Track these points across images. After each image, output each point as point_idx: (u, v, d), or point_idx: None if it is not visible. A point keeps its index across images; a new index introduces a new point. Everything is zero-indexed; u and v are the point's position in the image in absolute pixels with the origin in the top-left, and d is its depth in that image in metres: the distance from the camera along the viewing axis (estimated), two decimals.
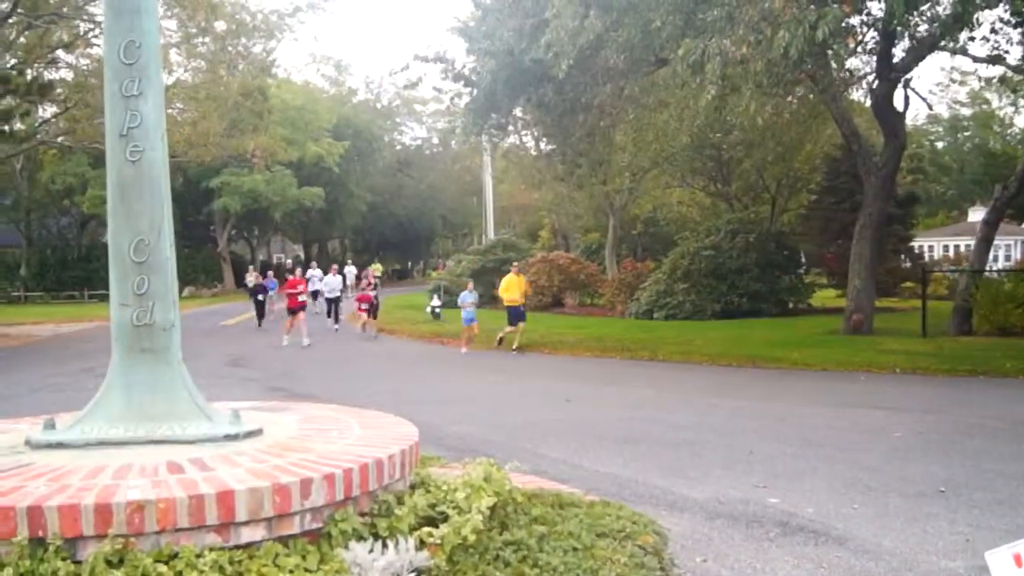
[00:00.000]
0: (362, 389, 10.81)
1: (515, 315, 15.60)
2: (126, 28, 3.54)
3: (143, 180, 3.50)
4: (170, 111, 25.38)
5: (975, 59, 15.42)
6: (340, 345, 17.49)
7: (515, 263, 18.78)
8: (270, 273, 26.48)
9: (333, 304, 20.92)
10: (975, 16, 11.67)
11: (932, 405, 9.38)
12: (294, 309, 17.33)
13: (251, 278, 22.89)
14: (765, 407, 9.16)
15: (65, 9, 20.81)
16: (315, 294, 24.97)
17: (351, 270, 36.21)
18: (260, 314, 21.80)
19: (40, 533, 2.56)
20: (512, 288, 15.81)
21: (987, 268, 17.86)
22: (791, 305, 22.78)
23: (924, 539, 4.61)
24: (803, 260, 25.73)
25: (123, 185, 3.50)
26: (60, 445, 3.26)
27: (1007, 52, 15.13)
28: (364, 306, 19.06)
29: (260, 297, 21.71)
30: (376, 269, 25.94)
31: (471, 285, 17.34)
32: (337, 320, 20.78)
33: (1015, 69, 16.57)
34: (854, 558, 4.29)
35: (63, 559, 2.53)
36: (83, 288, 37.64)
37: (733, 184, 27.62)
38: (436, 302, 23.26)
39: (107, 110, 3.54)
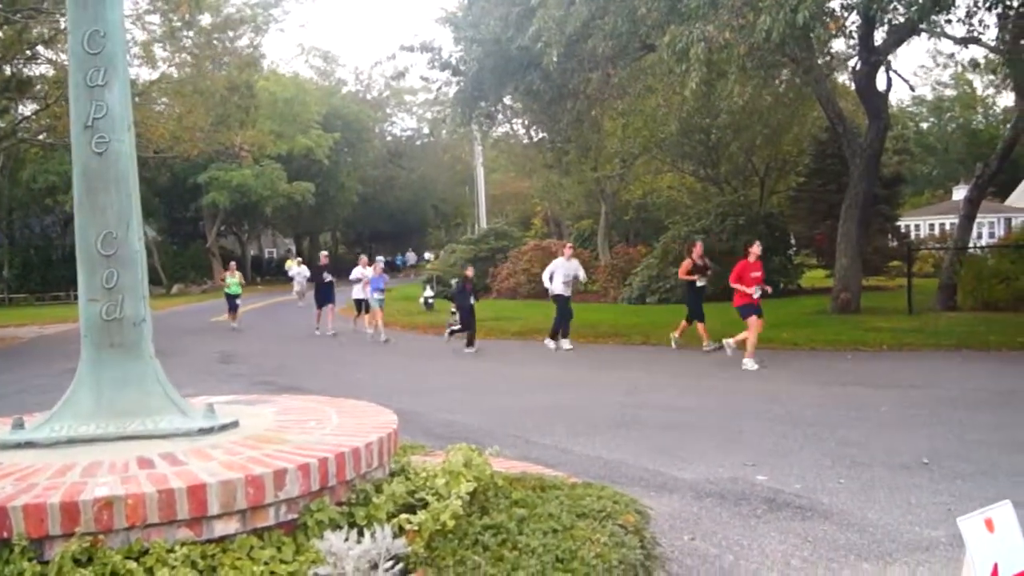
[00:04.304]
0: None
1: None
2: (90, 17, 3.48)
3: (109, 172, 3.43)
4: (155, 106, 25.12)
5: (955, 40, 15.48)
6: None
7: None
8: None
9: (563, 320, 13.90)
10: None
11: (917, 380, 9.45)
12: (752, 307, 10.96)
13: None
14: (756, 387, 9.18)
15: (45, 4, 20.49)
16: (360, 304, 17.66)
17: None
18: (471, 325, 14.05)
19: (5, 534, 2.51)
20: None
21: (971, 245, 17.95)
22: (781, 286, 22.78)
23: (908, 510, 4.63)
24: (793, 241, 25.76)
25: (89, 177, 3.43)
26: (29, 444, 3.21)
27: (982, 33, 15.21)
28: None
29: (472, 301, 14.21)
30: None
31: None
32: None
33: (992, 50, 16.63)
34: (839, 531, 4.31)
35: (29, 559, 2.48)
36: (68, 288, 36.95)
37: (722, 167, 27.57)
38: (429, 292, 24.07)
39: (71, 101, 3.47)
